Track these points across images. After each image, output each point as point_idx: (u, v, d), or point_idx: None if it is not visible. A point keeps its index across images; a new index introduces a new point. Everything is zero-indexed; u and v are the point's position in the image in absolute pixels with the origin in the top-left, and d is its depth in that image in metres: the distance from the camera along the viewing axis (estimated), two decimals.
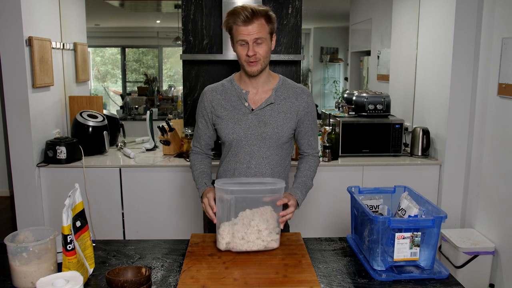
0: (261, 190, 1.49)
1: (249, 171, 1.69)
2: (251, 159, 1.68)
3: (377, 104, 3.08)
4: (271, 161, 1.69)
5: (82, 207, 1.42)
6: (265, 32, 1.56)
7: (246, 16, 1.50)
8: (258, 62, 1.58)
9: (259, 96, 1.67)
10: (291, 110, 1.67)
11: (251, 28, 1.53)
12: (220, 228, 1.49)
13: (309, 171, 1.76)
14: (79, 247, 1.36)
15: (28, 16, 2.72)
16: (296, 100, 1.68)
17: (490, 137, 2.64)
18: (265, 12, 1.55)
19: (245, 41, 1.55)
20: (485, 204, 2.70)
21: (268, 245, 1.51)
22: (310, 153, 1.78)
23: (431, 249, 1.42)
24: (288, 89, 1.69)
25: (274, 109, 1.66)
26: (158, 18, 6.14)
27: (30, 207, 2.82)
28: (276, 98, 1.67)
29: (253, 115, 1.65)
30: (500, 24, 2.54)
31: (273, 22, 1.59)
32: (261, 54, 1.57)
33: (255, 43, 1.55)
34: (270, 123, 1.65)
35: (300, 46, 3.13)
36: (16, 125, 2.75)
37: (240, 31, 1.54)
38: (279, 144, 1.68)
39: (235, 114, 1.66)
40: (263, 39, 1.55)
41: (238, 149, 1.68)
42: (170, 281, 1.37)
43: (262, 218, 1.49)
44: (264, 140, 1.66)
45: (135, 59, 7.22)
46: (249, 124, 1.65)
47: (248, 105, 1.65)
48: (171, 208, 2.89)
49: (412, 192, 1.60)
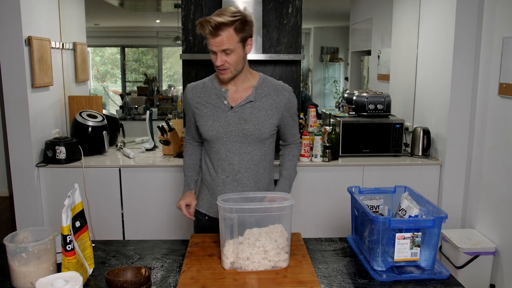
0: (265, 209, 1.43)
1: (231, 167, 1.71)
2: (234, 155, 1.70)
3: (378, 104, 3.08)
4: (253, 156, 1.71)
5: (82, 207, 1.41)
6: (234, 42, 1.56)
7: (210, 30, 1.52)
8: (228, 70, 1.61)
9: (239, 94, 1.70)
10: (272, 107, 1.70)
11: (219, 40, 1.54)
12: (225, 248, 1.43)
13: (292, 161, 1.83)
14: (79, 248, 1.35)
15: (27, 16, 2.71)
16: (277, 96, 1.71)
17: (491, 137, 2.64)
18: (232, 22, 1.54)
19: (214, 51, 1.58)
20: (485, 204, 2.69)
21: (276, 265, 1.43)
22: (292, 141, 1.85)
23: (431, 249, 1.42)
24: (269, 86, 1.72)
25: (255, 107, 1.68)
26: (158, 17, 6.14)
27: (29, 207, 2.82)
28: (257, 96, 1.69)
29: (233, 113, 1.67)
30: (501, 24, 2.54)
31: (246, 29, 1.59)
32: (230, 63, 1.59)
33: (224, 53, 1.57)
34: (251, 120, 1.67)
35: (300, 46, 3.13)
36: (16, 125, 2.74)
37: (208, 42, 1.57)
38: (261, 140, 1.71)
39: (215, 111, 1.69)
40: (231, 50, 1.57)
41: (220, 146, 1.70)
42: (170, 281, 1.37)
43: (269, 238, 1.42)
44: (246, 137, 1.68)
45: (135, 59, 7.22)
46: (229, 122, 1.67)
47: (227, 103, 1.68)
48: (171, 208, 2.88)
49: (413, 192, 1.60)
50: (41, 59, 2.82)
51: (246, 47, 1.62)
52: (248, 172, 1.72)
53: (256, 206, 1.43)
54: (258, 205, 1.44)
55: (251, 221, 1.43)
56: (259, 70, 3.20)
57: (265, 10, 3.11)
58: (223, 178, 1.73)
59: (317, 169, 2.88)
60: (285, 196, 1.48)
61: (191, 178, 1.87)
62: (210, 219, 1.81)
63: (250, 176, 1.72)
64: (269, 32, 3.15)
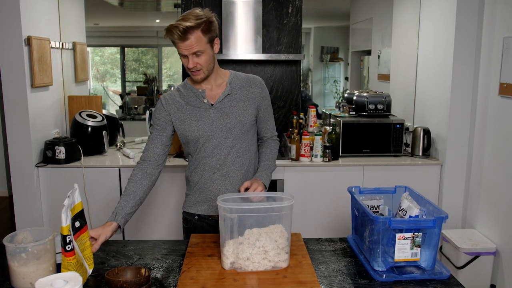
0: (265, 209, 1.43)
1: (218, 163, 1.73)
2: (220, 151, 1.72)
3: (378, 104, 3.07)
4: (238, 149, 1.74)
5: (82, 207, 1.41)
6: (203, 43, 1.60)
7: (178, 34, 1.55)
8: (200, 71, 1.65)
9: (214, 91, 1.74)
10: (248, 98, 1.75)
11: (188, 43, 1.58)
12: (224, 248, 1.42)
13: (270, 154, 1.83)
14: (78, 248, 1.35)
15: (27, 16, 2.71)
16: (250, 87, 1.77)
17: (491, 137, 2.63)
18: (199, 25, 1.57)
19: (185, 55, 1.62)
20: (486, 204, 2.69)
21: (276, 265, 1.42)
22: (269, 136, 1.87)
23: (432, 249, 1.42)
24: (241, 79, 1.78)
25: (233, 99, 1.73)
26: (158, 17, 6.13)
27: (29, 208, 2.81)
28: (232, 89, 1.74)
29: (214, 109, 1.71)
30: (502, 24, 2.53)
31: (212, 30, 1.63)
32: (201, 64, 1.63)
33: (194, 55, 1.61)
34: (232, 113, 1.72)
35: (300, 46, 3.12)
36: (15, 125, 2.73)
37: (178, 47, 1.60)
38: (243, 132, 1.74)
39: (197, 112, 1.71)
40: (201, 51, 1.61)
41: (206, 144, 1.72)
42: (170, 281, 1.37)
43: (269, 238, 1.42)
44: (229, 131, 1.71)
45: (135, 59, 7.22)
46: (212, 118, 1.70)
47: (207, 101, 1.72)
48: (170, 209, 2.88)
49: (413, 192, 1.60)
50: (41, 59, 2.81)
51: (213, 46, 1.67)
52: (234, 165, 1.74)
53: (256, 206, 1.43)
54: (258, 205, 1.44)
55: (251, 221, 1.42)
56: (259, 70, 3.21)
57: (265, 10, 3.10)
58: (210, 175, 1.75)
59: (317, 169, 2.88)
60: (285, 196, 1.48)
61: (123, 208, 1.62)
62: (200, 218, 1.82)
63: (236, 168, 1.75)
64: (269, 32, 3.14)
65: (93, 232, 1.46)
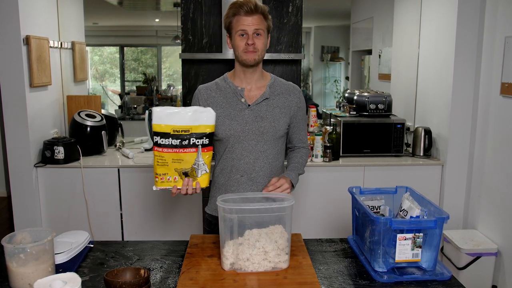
0: (265, 209, 1.42)
1: (247, 166, 1.70)
2: (249, 154, 1.70)
3: (379, 104, 3.06)
4: (268, 155, 1.72)
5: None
6: (264, 26, 1.65)
7: (250, 8, 1.60)
8: (256, 53, 1.65)
9: (253, 92, 1.72)
10: (285, 105, 1.74)
11: (252, 20, 1.61)
12: (224, 248, 1.41)
13: (300, 159, 1.82)
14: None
15: (25, 15, 2.69)
16: (289, 95, 1.76)
17: (493, 137, 2.62)
18: (265, 9, 1.65)
19: (245, 32, 1.63)
20: (487, 204, 2.68)
21: (276, 266, 1.42)
22: (301, 146, 1.85)
23: (433, 250, 1.41)
24: (281, 86, 1.77)
25: (270, 104, 1.71)
26: (157, 16, 6.13)
27: (27, 208, 2.80)
28: (271, 94, 1.73)
29: (250, 111, 1.69)
30: (503, 23, 2.53)
31: (270, 21, 1.68)
32: (259, 46, 1.64)
33: (255, 34, 1.63)
34: (267, 118, 1.70)
35: (300, 45, 3.11)
36: (14, 125, 2.72)
37: (241, 21, 1.62)
38: (276, 138, 1.72)
39: (232, 110, 1.69)
40: (262, 32, 1.64)
41: (236, 145, 1.70)
42: (169, 282, 1.37)
43: (269, 239, 1.41)
44: (262, 135, 1.69)
45: (134, 58, 7.21)
46: (246, 120, 1.68)
47: (245, 100, 1.70)
48: (170, 209, 2.87)
49: (414, 192, 1.60)
50: (39, 58, 2.80)
51: (268, 37, 1.70)
52: (263, 171, 1.72)
53: (256, 206, 1.42)
54: (258, 205, 1.43)
55: (251, 222, 1.42)
56: None
57: None
58: (238, 178, 1.72)
59: (317, 169, 2.87)
60: (285, 197, 1.48)
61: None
62: None
63: (264, 174, 1.72)
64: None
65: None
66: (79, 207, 2.80)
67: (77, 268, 1.45)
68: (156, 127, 1.44)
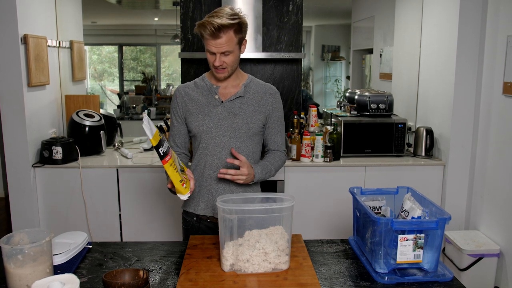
0: (265, 210, 1.42)
1: (219, 162, 1.73)
2: (222, 150, 1.72)
3: (380, 103, 3.05)
4: (241, 152, 1.73)
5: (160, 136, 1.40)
6: (233, 44, 1.62)
7: (212, 31, 1.56)
8: (225, 70, 1.67)
9: (228, 90, 1.75)
10: (260, 104, 1.75)
11: (219, 41, 1.59)
12: (224, 249, 1.41)
13: (273, 160, 1.79)
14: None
15: (23, 14, 2.68)
16: (264, 95, 1.77)
17: (495, 137, 2.61)
18: (232, 25, 1.59)
19: (213, 52, 1.63)
20: (489, 205, 2.67)
21: (276, 267, 1.42)
22: (276, 149, 1.84)
23: (434, 251, 1.42)
24: (257, 85, 1.79)
25: (243, 102, 1.74)
26: (156, 15, 6.11)
27: (25, 209, 2.79)
28: (245, 93, 1.75)
29: (223, 107, 1.72)
30: (505, 22, 2.52)
31: (243, 31, 1.65)
32: (227, 64, 1.65)
33: (222, 54, 1.62)
34: (240, 114, 1.72)
35: (301, 44, 3.10)
36: (11, 124, 2.71)
37: (208, 43, 1.61)
38: (249, 136, 1.74)
39: (206, 107, 1.73)
40: (230, 51, 1.62)
41: (208, 141, 1.73)
42: (168, 284, 1.37)
43: (269, 239, 1.41)
44: (234, 131, 1.72)
45: (133, 57, 7.19)
46: (219, 116, 1.71)
47: (218, 97, 1.73)
48: (169, 210, 2.86)
49: (415, 193, 1.60)
50: (37, 57, 2.78)
51: (241, 47, 1.69)
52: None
53: (256, 207, 1.42)
54: (258, 206, 1.43)
55: (251, 223, 1.42)
56: (259, 69, 3.18)
57: (265, 8, 3.07)
58: (211, 174, 1.75)
59: (318, 169, 2.86)
60: (286, 197, 1.47)
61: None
62: (198, 219, 1.81)
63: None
64: (269, 30, 3.12)
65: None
66: (77, 208, 2.79)
67: (76, 269, 1.45)
68: (153, 140, 1.36)
